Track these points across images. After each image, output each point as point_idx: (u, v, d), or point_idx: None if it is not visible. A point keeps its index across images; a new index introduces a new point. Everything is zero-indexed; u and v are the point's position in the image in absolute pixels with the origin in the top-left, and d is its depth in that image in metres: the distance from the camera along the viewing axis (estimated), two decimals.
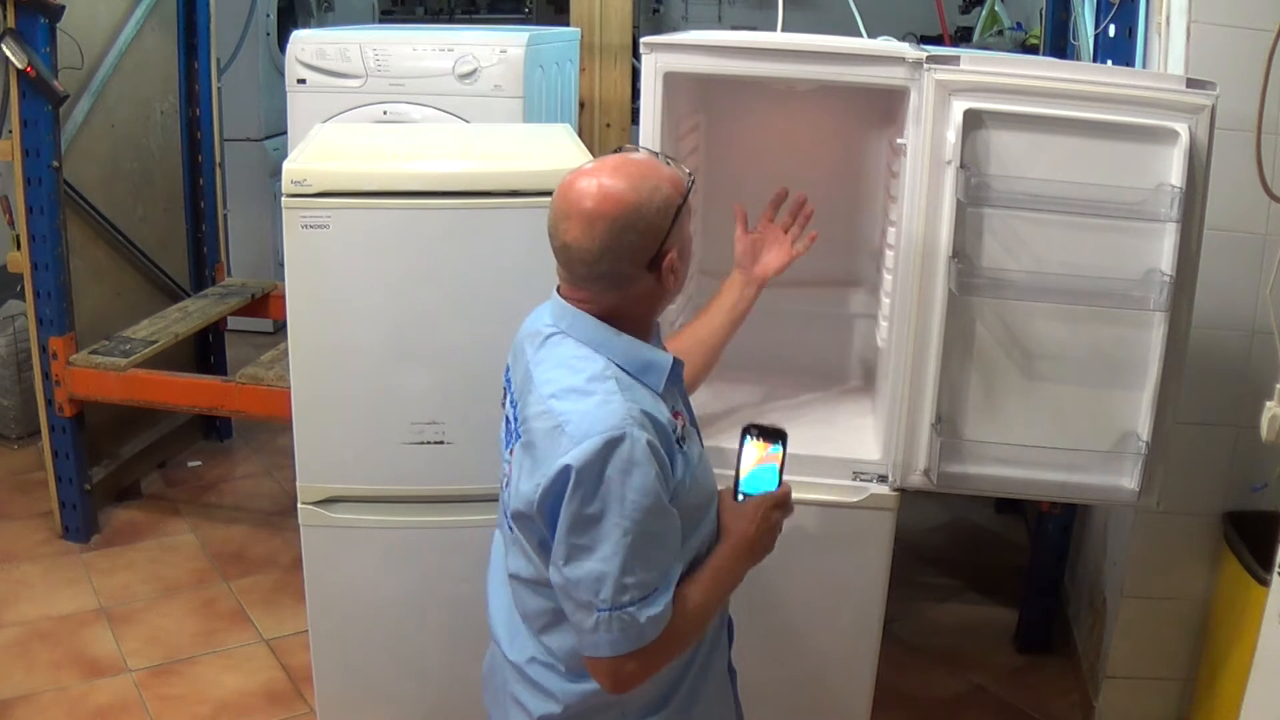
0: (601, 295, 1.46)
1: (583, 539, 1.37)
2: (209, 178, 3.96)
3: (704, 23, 6.75)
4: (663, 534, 1.40)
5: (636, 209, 1.40)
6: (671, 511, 1.40)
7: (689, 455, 1.48)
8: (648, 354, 1.47)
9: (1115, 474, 1.95)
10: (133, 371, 3.19)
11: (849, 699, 2.19)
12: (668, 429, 1.43)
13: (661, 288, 1.46)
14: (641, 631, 1.38)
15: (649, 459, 1.36)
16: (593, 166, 1.45)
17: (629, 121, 3.62)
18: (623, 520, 1.35)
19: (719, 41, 2.01)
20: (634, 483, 1.35)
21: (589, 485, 1.35)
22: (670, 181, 1.45)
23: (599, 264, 1.42)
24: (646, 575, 1.38)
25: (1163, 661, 2.54)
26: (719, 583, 1.51)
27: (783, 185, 2.08)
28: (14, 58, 2.95)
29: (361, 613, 2.21)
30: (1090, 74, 1.90)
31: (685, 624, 1.45)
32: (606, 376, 1.42)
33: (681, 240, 1.47)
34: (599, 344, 1.45)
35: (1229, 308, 2.28)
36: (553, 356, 1.47)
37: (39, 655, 2.82)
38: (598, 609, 1.37)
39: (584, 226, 1.40)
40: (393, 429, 2.10)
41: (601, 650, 1.40)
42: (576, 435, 1.36)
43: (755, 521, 1.53)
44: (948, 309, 1.92)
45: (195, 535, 3.45)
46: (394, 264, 2.03)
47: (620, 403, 1.38)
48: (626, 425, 1.36)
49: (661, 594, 1.39)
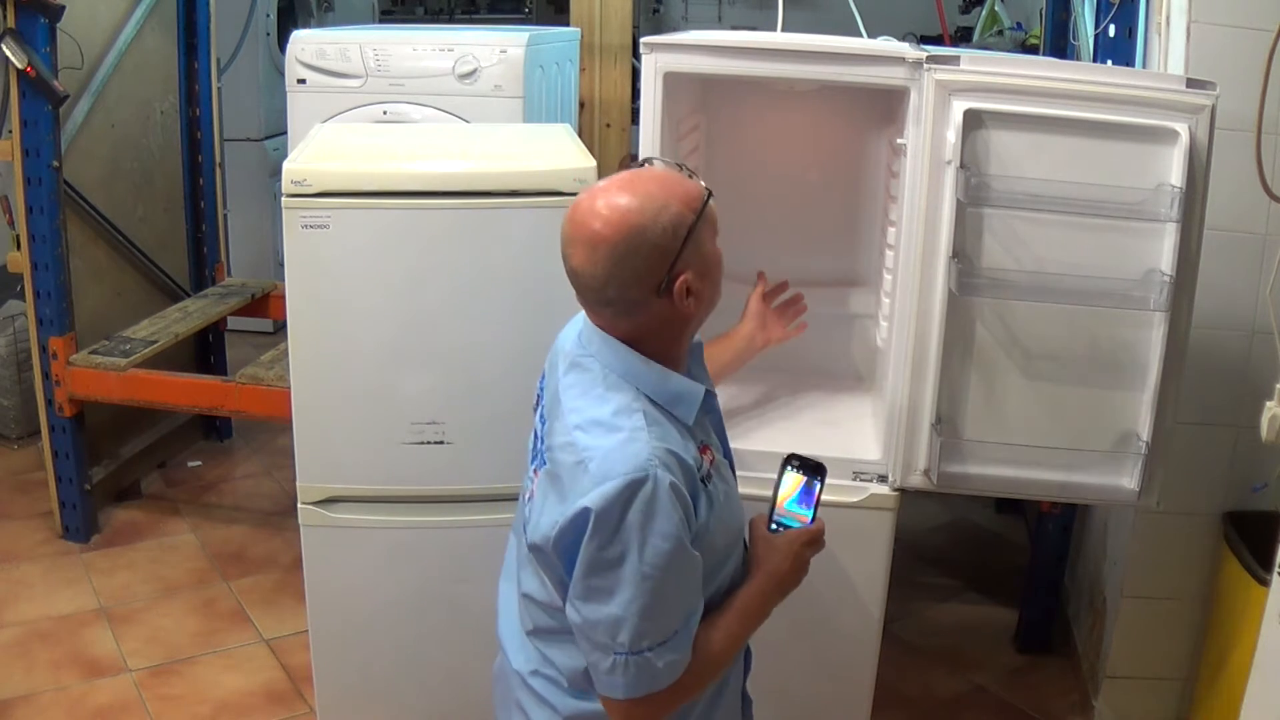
0: (617, 321, 1.40)
1: (602, 582, 1.33)
2: (209, 178, 3.96)
3: (704, 23, 6.75)
4: (683, 579, 1.35)
5: (640, 232, 1.33)
6: (693, 555, 1.36)
7: (714, 494, 1.42)
8: (677, 385, 1.41)
9: (1115, 474, 1.95)
10: (133, 371, 3.19)
11: (849, 699, 2.19)
12: (693, 468, 1.37)
13: (679, 311, 1.39)
14: (657, 676, 1.35)
15: (672, 503, 1.31)
16: (604, 184, 1.38)
17: (629, 121, 3.62)
18: (643, 565, 1.31)
19: (719, 41, 2.01)
20: (656, 527, 1.31)
21: (609, 529, 1.31)
22: (682, 199, 1.37)
23: (605, 290, 1.36)
24: (666, 620, 1.34)
25: (1163, 661, 2.54)
26: (744, 621, 1.48)
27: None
28: (14, 58, 2.95)
29: (361, 613, 2.21)
30: (1090, 74, 1.90)
31: (706, 666, 1.42)
32: (634, 410, 1.36)
33: (700, 259, 1.38)
34: (627, 372, 1.40)
35: (1229, 308, 2.28)
36: (581, 382, 1.42)
37: (39, 655, 2.82)
38: (615, 652, 1.34)
39: (588, 252, 1.34)
40: (393, 429, 2.10)
41: (616, 692, 1.37)
42: (598, 475, 1.31)
43: (788, 559, 1.49)
44: (948, 309, 1.92)
45: (195, 535, 3.45)
46: (394, 264, 2.03)
47: (645, 441, 1.33)
48: (651, 467, 1.31)
49: (681, 638, 1.36)
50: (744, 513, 1.54)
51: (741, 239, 2.37)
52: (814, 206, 2.41)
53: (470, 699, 1.87)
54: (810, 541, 1.52)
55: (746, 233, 2.40)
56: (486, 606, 1.69)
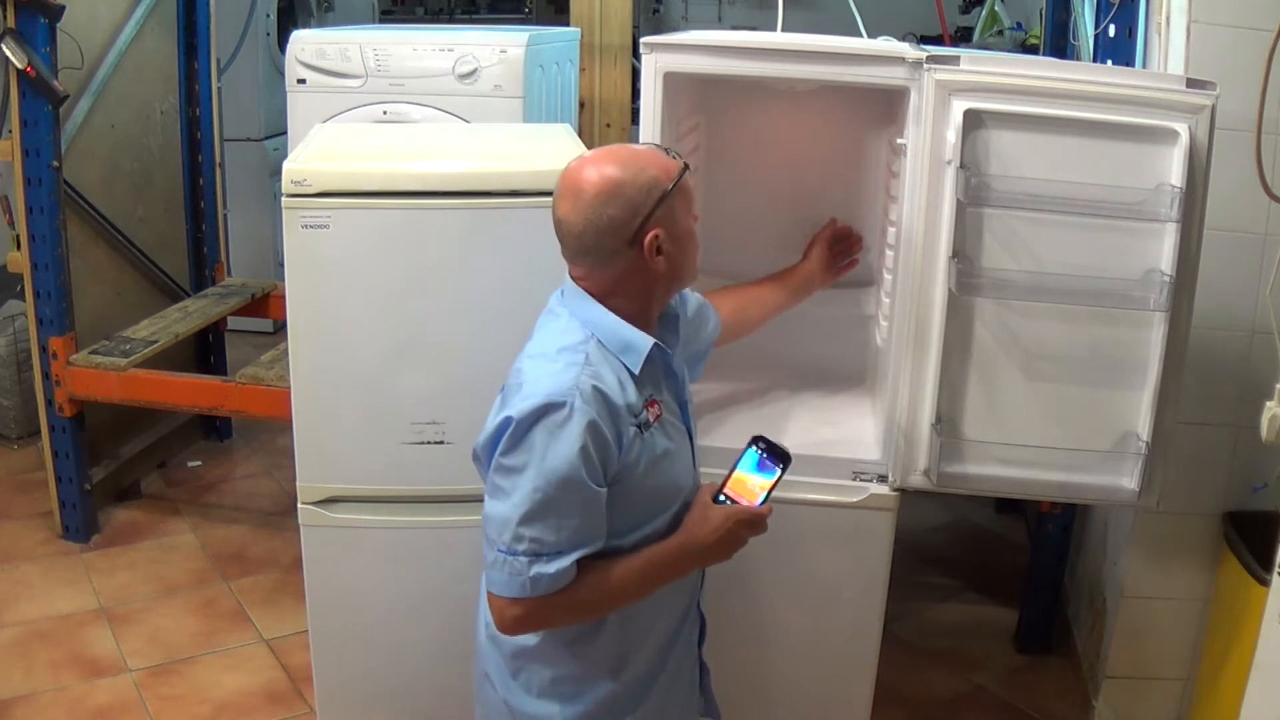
0: (593, 272, 1.53)
1: (503, 482, 1.47)
2: (209, 178, 3.96)
3: (704, 23, 6.75)
4: (573, 503, 1.46)
5: (618, 185, 1.48)
6: (590, 489, 1.46)
7: (652, 444, 1.53)
8: (629, 334, 1.53)
9: (1115, 474, 1.95)
10: (133, 371, 3.19)
11: (849, 699, 2.19)
12: (622, 411, 1.49)
13: (649, 267, 1.51)
14: (526, 583, 1.46)
15: (581, 432, 1.43)
16: (592, 153, 1.55)
17: (629, 121, 3.62)
18: (537, 478, 1.44)
19: (719, 41, 2.01)
20: (557, 449, 1.43)
21: (518, 438, 1.45)
22: (661, 167, 1.52)
23: (583, 238, 1.50)
24: (546, 535, 1.45)
25: (1163, 661, 2.54)
26: (650, 573, 1.54)
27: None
28: (14, 58, 2.95)
29: (361, 613, 2.21)
30: (1090, 74, 1.90)
31: (591, 596, 1.50)
32: (579, 349, 1.50)
33: (672, 224, 1.51)
34: (587, 320, 1.53)
35: (1229, 308, 2.28)
36: (547, 324, 1.57)
37: (39, 655, 2.82)
38: (497, 549, 1.47)
39: (571, 201, 1.50)
40: (393, 429, 2.10)
41: (493, 587, 1.49)
42: (525, 393, 1.46)
43: (718, 531, 1.55)
44: (948, 309, 1.92)
45: (195, 535, 3.45)
46: (394, 264, 2.03)
47: (575, 375, 1.46)
48: (570, 396, 1.44)
49: (559, 558, 1.46)
50: (692, 475, 1.62)
51: (741, 238, 2.38)
52: (814, 206, 2.40)
53: (470, 699, 1.87)
54: (750, 521, 1.56)
55: (746, 232, 2.40)
56: None
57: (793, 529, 1.97)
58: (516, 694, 1.62)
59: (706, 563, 1.62)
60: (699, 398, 2.30)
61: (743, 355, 2.36)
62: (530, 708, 1.60)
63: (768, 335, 2.34)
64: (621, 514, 1.52)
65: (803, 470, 2.06)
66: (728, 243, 2.24)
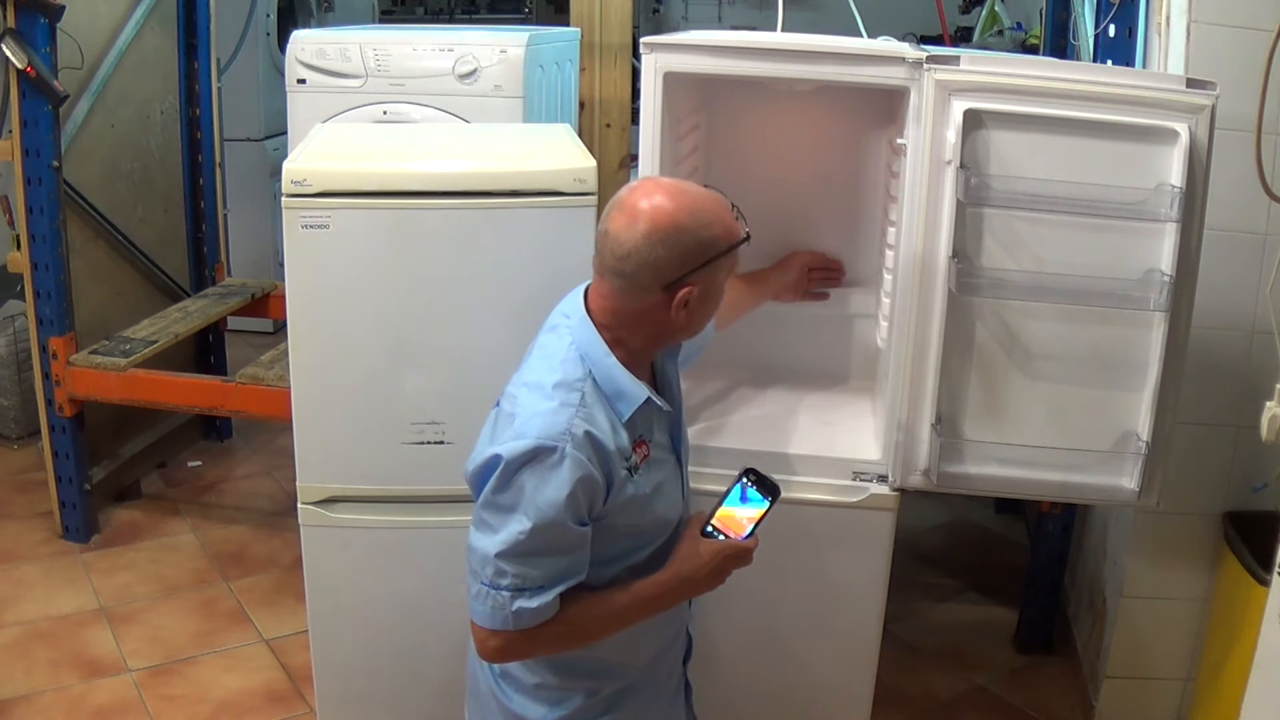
0: (616, 297, 1.48)
1: (490, 518, 1.47)
2: (209, 178, 3.96)
3: (704, 23, 6.75)
4: (556, 546, 1.45)
5: (680, 230, 1.43)
6: (574, 530, 1.45)
7: (641, 485, 1.51)
8: (625, 383, 1.50)
9: (1115, 474, 1.95)
10: (133, 371, 3.19)
11: (849, 699, 2.19)
12: (613, 456, 1.47)
13: (669, 317, 1.48)
14: (508, 617, 1.46)
15: (569, 478, 1.42)
16: (671, 180, 1.51)
17: (629, 121, 3.62)
18: (524, 519, 1.43)
19: (719, 41, 2.01)
20: (545, 494, 1.42)
21: (507, 479, 1.44)
22: (726, 229, 1.48)
23: (625, 261, 1.44)
24: (528, 571, 1.45)
25: (1163, 661, 2.54)
26: (634, 606, 1.54)
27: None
28: (14, 58, 2.95)
29: (361, 613, 2.21)
30: (1090, 74, 1.90)
31: (573, 628, 1.50)
32: (576, 388, 1.47)
33: (708, 285, 1.48)
34: (588, 354, 1.49)
35: (1229, 308, 2.28)
36: (549, 345, 1.53)
37: (39, 655, 2.82)
38: (481, 581, 1.47)
39: (628, 221, 1.44)
40: (393, 429, 2.10)
41: (476, 617, 1.50)
42: (517, 431, 1.44)
43: (707, 567, 1.55)
44: (948, 309, 1.92)
45: (195, 535, 3.45)
46: (394, 264, 2.03)
47: (569, 418, 1.43)
48: (562, 441, 1.42)
49: (541, 593, 1.46)
50: (680, 507, 1.62)
51: None
52: (814, 207, 2.40)
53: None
54: (735, 555, 1.56)
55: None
56: None
57: (793, 529, 1.97)
58: (505, 692, 1.63)
59: (691, 595, 1.62)
60: (699, 397, 2.30)
61: (742, 355, 2.37)
62: (518, 708, 1.61)
63: (767, 335, 2.34)
64: (605, 546, 1.51)
65: (803, 470, 2.07)
66: None
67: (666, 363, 1.63)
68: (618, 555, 1.54)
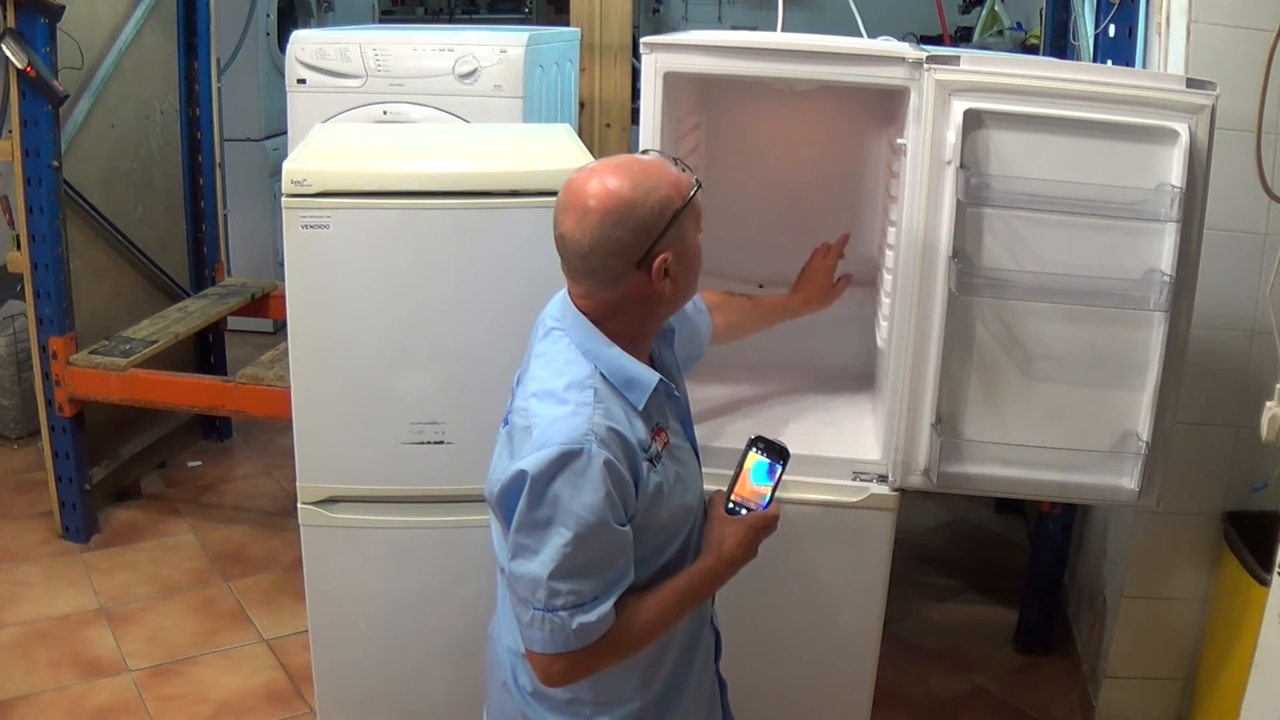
0: (596, 291, 1.46)
1: (528, 540, 1.41)
2: (209, 178, 3.96)
3: (704, 23, 6.75)
4: (604, 551, 1.41)
5: (629, 205, 1.40)
6: (618, 532, 1.41)
7: (664, 474, 1.48)
8: (633, 369, 1.47)
9: (1115, 474, 1.95)
10: (133, 371, 3.19)
11: (849, 699, 2.19)
12: (635, 448, 1.43)
13: (654, 291, 1.45)
14: (570, 637, 1.41)
15: (602, 478, 1.38)
16: (598, 164, 1.47)
17: (629, 121, 3.62)
18: (565, 531, 1.38)
19: (719, 41, 2.01)
20: (582, 499, 1.37)
21: (539, 493, 1.38)
22: (673, 184, 1.44)
23: (590, 258, 1.42)
24: (582, 585, 1.40)
25: (1163, 661, 2.54)
26: (684, 597, 1.51)
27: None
28: (14, 58, 2.95)
29: (361, 613, 2.21)
30: (1090, 74, 1.90)
31: (631, 634, 1.46)
32: (586, 386, 1.43)
33: (681, 245, 1.45)
34: (590, 350, 1.47)
35: (1229, 308, 2.28)
36: (548, 352, 1.49)
37: (39, 655, 2.82)
38: (534, 607, 1.41)
39: (578, 219, 1.41)
40: (393, 429, 2.10)
41: (533, 645, 1.44)
42: (538, 441, 1.39)
43: (742, 545, 1.53)
44: (948, 309, 1.92)
45: (195, 535, 3.45)
46: (394, 264, 2.03)
47: (588, 417, 1.40)
48: (587, 441, 1.38)
49: (598, 604, 1.41)
50: (700, 493, 1.59)
51: (741, 239, 2.38)
52: (814, 206, 2.40)
53: (470, 699, 1.86)
54: (764, 526, 1.55)
55: (746, 232, 2.40)
56: (486, 606, 1.70)
57: (793, 529, 1.97)
58: (537, 710, 1.57)
59: (731, 575, 1.57)
60: (699, 396, 2.30)
61: (743, 355, 2.36)
62: None
63: (768, 335, 2.33)
64: (642, 545, 1.47)
65: (803, 470, 2.06)
66: (727, 243, 2.24)
67: (664, 351, 1.61)
68: (650, 554, 1.50)
